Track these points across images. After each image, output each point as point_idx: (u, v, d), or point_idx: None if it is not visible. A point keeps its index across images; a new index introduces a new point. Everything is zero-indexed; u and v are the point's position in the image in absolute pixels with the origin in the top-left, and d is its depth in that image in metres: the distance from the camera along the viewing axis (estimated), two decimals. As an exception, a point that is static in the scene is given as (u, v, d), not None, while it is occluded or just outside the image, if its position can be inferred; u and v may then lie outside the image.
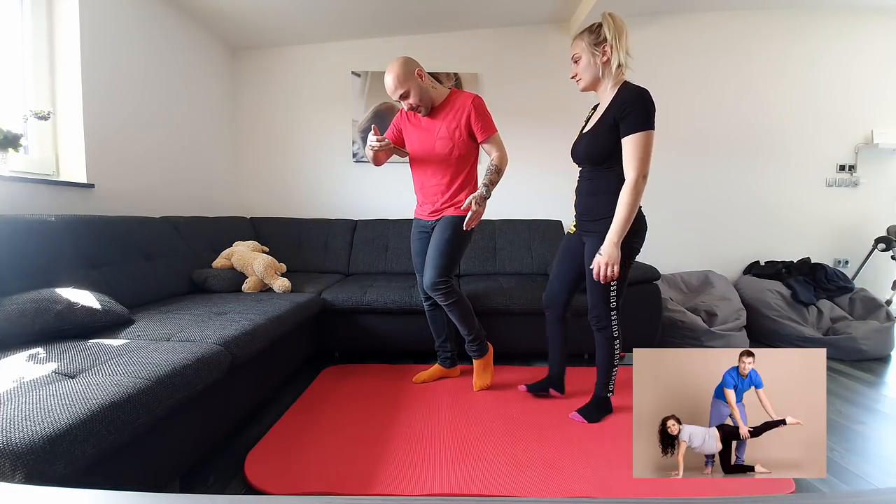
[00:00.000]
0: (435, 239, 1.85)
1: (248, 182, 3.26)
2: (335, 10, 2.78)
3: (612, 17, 1.47)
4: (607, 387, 1.69)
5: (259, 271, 2.20)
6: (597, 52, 1.49)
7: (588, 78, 1.53)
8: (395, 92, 1.76)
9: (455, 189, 1.85)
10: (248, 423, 1.67)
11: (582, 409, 1.70)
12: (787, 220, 3.28)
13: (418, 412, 1.74)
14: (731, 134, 3.23)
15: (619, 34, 1.45)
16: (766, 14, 3.15)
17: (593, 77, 1.52)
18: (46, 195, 1.79)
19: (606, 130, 1.48)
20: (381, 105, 3.16)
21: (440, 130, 1.82)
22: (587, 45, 1.50)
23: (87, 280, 1.55)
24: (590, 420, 1.66)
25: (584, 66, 1.52)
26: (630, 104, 1.42)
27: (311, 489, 1.25)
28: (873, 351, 2.50)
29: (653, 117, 1.42)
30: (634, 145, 1.42)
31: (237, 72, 3.19)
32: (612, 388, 1.70)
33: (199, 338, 1.37)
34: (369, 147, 1.78)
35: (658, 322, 2.33)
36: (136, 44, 2.27)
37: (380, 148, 1.75)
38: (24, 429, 0.76)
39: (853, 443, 1.57)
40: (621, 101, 1.45)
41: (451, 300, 1.83)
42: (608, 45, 1.46)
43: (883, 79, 3.20)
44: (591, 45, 1.49)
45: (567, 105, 3.18)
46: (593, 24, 1.51)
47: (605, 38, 1.46)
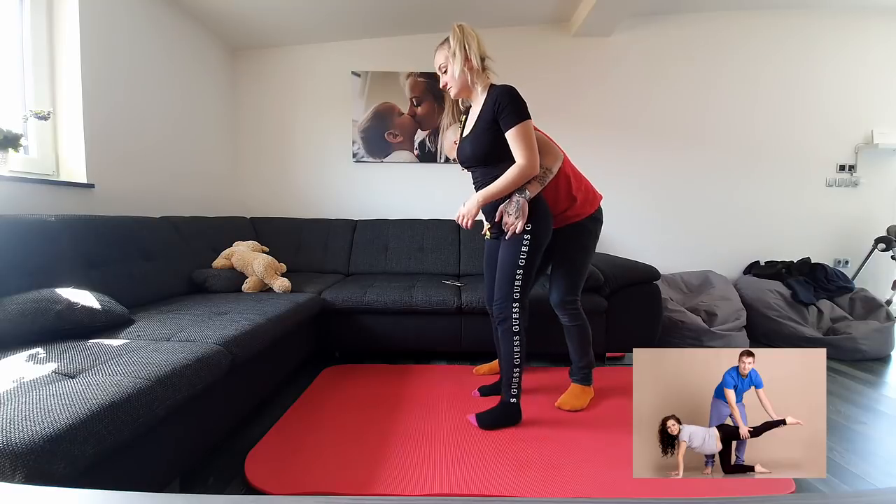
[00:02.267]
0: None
1: (248, 182, 3.26)
2: (335, 10, 2.79)
3: (461, 28, 1.57)
4: (510, 390, 1.60)
5: (259, 271, 2.20)
6: (469, 62, 1.57)
7: (458, 85, 1.61)
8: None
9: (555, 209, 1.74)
10: (248, 423, 1.67)
11: (483, 412, 1.62)
12: (787, 219, 3.28)
13: (418, 412, 1.74)
14: (731, 134, 3.23)
15: (470, 42, 1.55)
16: (767, 14, 3.15)
17: (462, 84, 1.61)
18: (46, 195, 1.79)
19: (485, 129, 1.55)
20: (381, 105, 3.16)
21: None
22: (450, 55, 1.58)
23: (87, 280, 1.55)
24: (482, 426, 1.57)
25: (451, 75, 1.60)
26: (502, 102, 1.50)
27: (311, 489, 1.25)
28: (873, 351, 2.50)
29: (525, 109, 1.51)
30: (516, 137, 1.50)
31: (237, 72, 3.19)
32: (516, 393, 1.60)
33: (199, 338, 1.37)
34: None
35: (658, 322, 2.33)
36: (136, 44, 2.27)
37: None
38: (24, 429, 0.76)
39: (853, 443, 1.57)
40: (493, 101, 1.53)
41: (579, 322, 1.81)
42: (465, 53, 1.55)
43: (883, 79, 3.20)
44: (453, 54, 1.57)
45: (567, 105, 3.19)
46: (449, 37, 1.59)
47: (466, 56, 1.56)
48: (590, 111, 3.20)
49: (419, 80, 3.13)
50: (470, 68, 1.57)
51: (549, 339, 2.19)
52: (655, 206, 3.28)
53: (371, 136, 3.18)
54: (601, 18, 2.86)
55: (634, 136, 3.22)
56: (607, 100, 3.20)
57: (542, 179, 1.59)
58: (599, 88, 3.19)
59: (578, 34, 3.09)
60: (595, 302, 2.25)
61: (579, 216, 1.77)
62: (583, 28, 2.99)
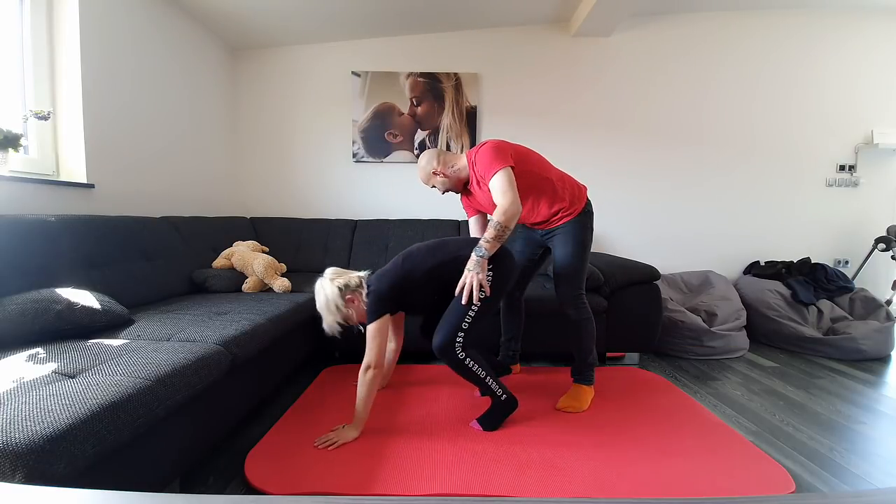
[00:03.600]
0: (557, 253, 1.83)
1: (248, 182, 3.26)
2: (335, 11, 2.79)
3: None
4: (495, 393, 1.61)
5: (259, 271, 2.19)
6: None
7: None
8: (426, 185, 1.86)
9: (550, 210, 1.79)
10: (248, 423, 1.67)
11: (482, 416, 1.63)
12: (787, 220, 3.29)
13: (418, 412, 1.74)
14: (731, 134, 3.23)
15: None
16: (767, 14, 3.16)
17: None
18: (46, 195, 1.79)
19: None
20: (381, 105, 3.16)
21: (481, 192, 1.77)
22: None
23: (87, 280, 1.55)
24: (487, 429, 1.59)
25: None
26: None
27: (311, 489, 1.25)
28: (873, 351, 2.50)
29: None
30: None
31: (237, 72, 3.19)
32: (501, 392, 1.61)
33: (199, 338, 1.37)
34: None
35: (658, 322, 2.33)
36: (136, 44, 2.27)
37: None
38: (24, 429, 0.76)
39: (853, 443, 1.57)
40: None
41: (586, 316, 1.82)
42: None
43: (883, 79, 3.20)
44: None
45: (567, 105, 3.20)
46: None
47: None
48: (590, 111, 3.20)
49: (419, 80, 3.13)
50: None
51: (549, 339, 2.20)
52: (655, 206, 3.28)
53: (371, 136, 3.18)
54: (601, 18, 2.87)
55: (635, 135, 3.22)
56: (607, 100, 3.20)
57: (501, 238, 1.56)
58: (599, 88, 3.19)
59: (578, 34, 3.09)
60: (595, 302, 2.25)
61: (571, 215, 1.77)
62: (583, 28, 2.99)
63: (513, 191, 1.55)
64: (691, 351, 2.54)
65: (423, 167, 1.79)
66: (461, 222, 2.99)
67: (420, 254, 1.65)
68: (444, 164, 1.76)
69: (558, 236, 1.79)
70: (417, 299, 1.69)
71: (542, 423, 1.65)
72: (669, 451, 1.46)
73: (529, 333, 2.16)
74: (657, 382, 2.11)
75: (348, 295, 1.58)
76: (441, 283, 1.62)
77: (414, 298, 1.67)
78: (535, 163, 1.74)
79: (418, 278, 1.61)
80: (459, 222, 3.00)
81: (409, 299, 1.65)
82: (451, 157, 1.79)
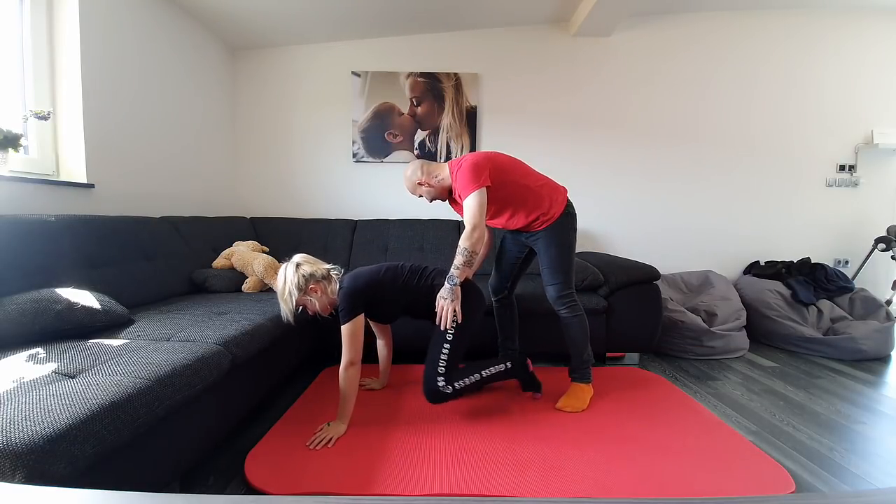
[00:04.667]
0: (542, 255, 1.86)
1: (248, 182, 3.26)
2: (335, 10, 2.78)
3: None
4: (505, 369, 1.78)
5: (259, 271, 2.19)
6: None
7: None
8: (413, 195, 1.88)
9: (528, 218, 1.80)
10: (248, 423, 1.67)
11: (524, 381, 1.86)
12: (787, 219, 3.29)
13: (418, 412, 1.74)
14: (731, 133, 3.23)
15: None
16: (767, 14, 3.16)
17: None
18: (46, 195, 1.79)
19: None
20: (381, 105, 3.16)
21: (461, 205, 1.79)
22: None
23: (87, 280, 1.55)
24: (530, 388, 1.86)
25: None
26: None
27: (311, 489, 1.25)
28: (873, 351, 2.50)
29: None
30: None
31: (237, 72, 3.19)
32: (505, 368, 1.78)
33: (199, 338, 1.37)
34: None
35: (658, 322, 2.33)
36: (135, 44, 2.26)
37: None
38: (24, 429, 0.76)
39: (853, 443, 1.57)
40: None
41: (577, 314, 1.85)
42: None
43: (883, 79, 3.20)
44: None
45: (567, 105, 3.19)
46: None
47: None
48: (590, 111, 3.20)
49: (419, 80, 3.13)
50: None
51: (548, 339, 2.19)
52: (655, 206, 3.28)
53: (371, 136, 3.18)
54: (601, 18, 2.87)
55: (635, 135, 3.22)
56: (607, 100, 3.20)
57: (470, 262, 1.60)
58: (599, 88, 3.19)
59: (578, 34, 3.09)
60: (595, 302, 2.25)
61: (552, 218, 1.78)
62: (583, 28, 2.99)
63: (481, 215, 1.59)
64: (691, 351, 2.54)
65: (409, 177, 1.82)
66: (461, 222, 2.99)
67: (402, 272, 1.71)
68: (428, 175, 1.79)
69: (540, 240, 1.81)
70: (384, 311, 1.76)
71: (542, 423, 1.65)
72: (669, 451, 1.46)
73: (528, 333, 2.16)
74: (657, 382, 2.11)
75: (312, 284, 1.58)
76: (410, 304, 1.72)
77: (381, 309, 1.73)
78: (514, 172, 1.76)
79: (391, 293, 1.67)
80: (459, 222, 3.00)
81: (376, 308, 1.70)
82: (435, 168, 1.81)
